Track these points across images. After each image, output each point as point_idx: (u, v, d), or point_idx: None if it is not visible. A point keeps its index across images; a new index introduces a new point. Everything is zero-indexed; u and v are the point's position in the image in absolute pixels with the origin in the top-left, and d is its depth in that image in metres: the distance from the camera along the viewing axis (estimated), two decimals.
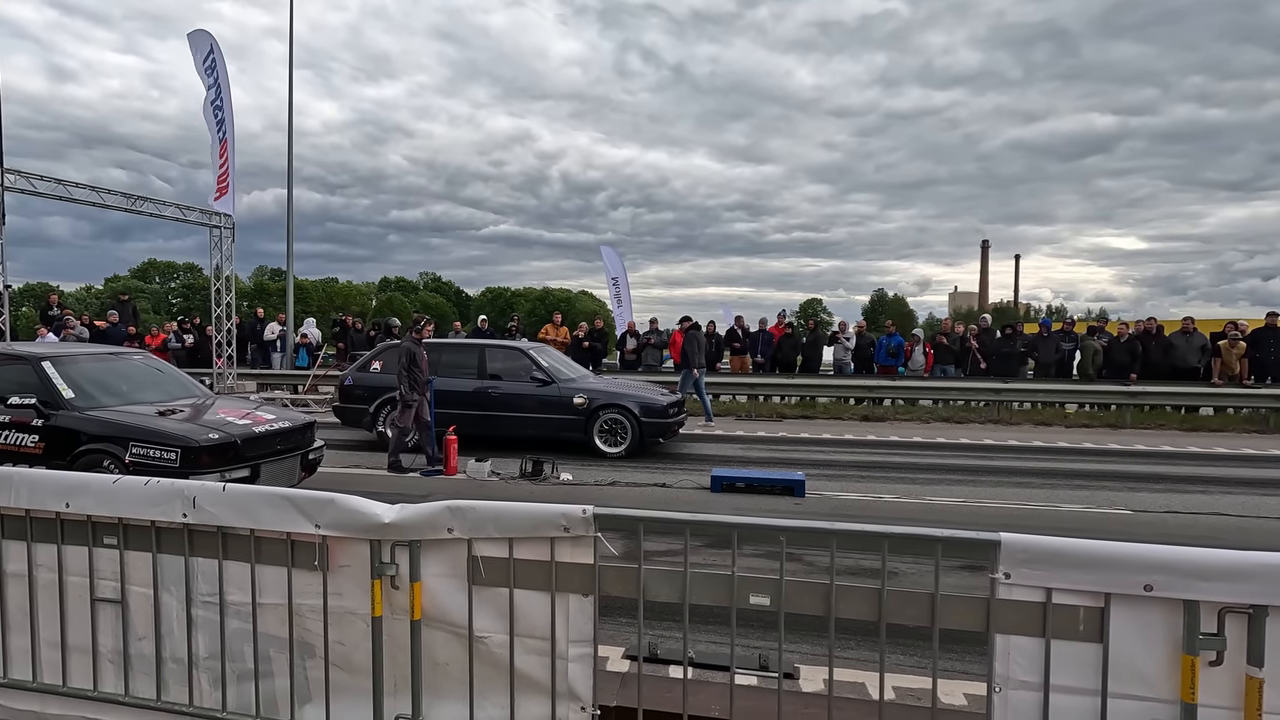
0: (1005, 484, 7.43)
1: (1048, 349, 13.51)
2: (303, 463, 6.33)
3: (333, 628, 2.42)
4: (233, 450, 5.57)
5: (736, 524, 2.13)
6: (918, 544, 2.01)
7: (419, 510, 2.28)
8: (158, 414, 5.72)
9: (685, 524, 2.15)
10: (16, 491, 2.61)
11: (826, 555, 2.02)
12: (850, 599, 2.04)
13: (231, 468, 5.49)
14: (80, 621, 2.61)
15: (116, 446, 5.34)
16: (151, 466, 5.23)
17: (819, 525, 2.04)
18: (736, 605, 2.11)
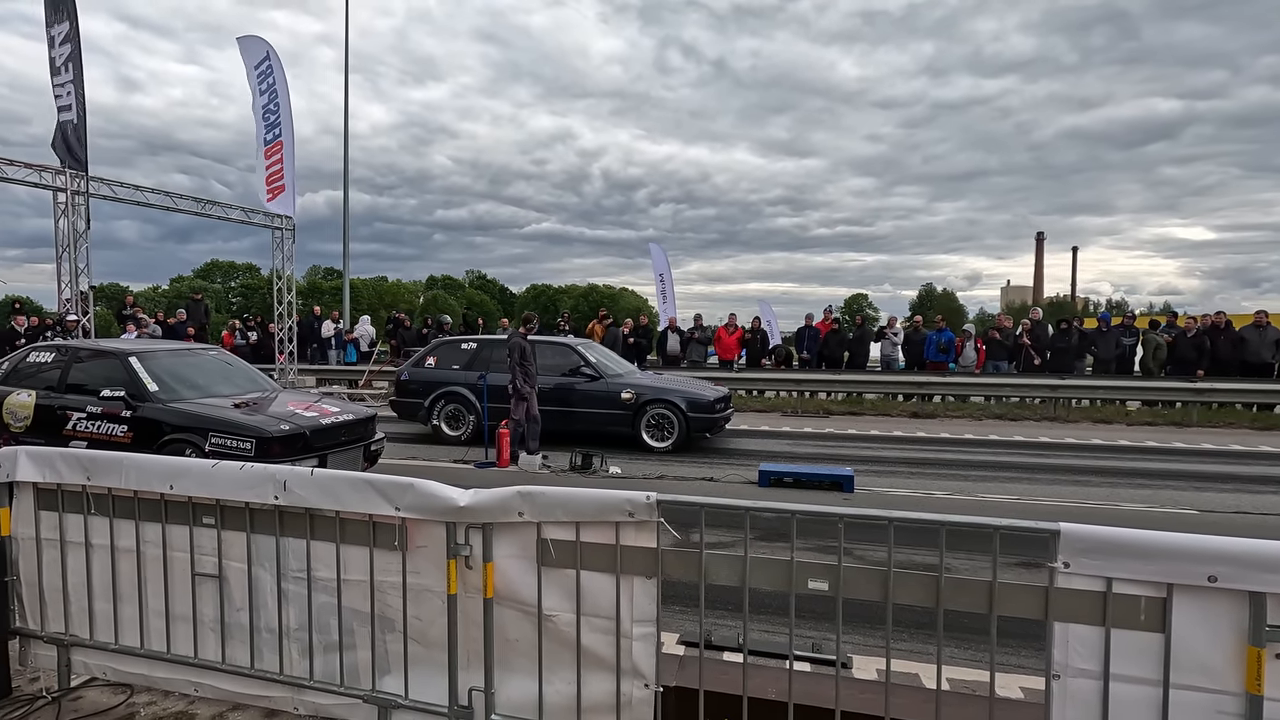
0: (1062, 482, 7.26)
1: (1107, 344, 13.06)
2: (366, 453, 6.62)
3: (411, 604, 2.58)
4: (302, 441, 5.86)
5: (795, 511, 2.21)
6: (974, 535, 2.05)
7: (491, 494, 2.42)
8: (233, 406, 6.06)
9: (744, 511, 2.23)
10: (126, 474, 2.85)
11: (879, 549, 2.08)
12: (907, 585, 2.10)
13: (301, 457, 5.79)
14: (183, 593, 2.85)
15: (197, 436, 5.69)
16: (228, 455, 5.55)
17: (876, 513, 2.11)
18: (795, 590, 2.18)
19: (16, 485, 3.04)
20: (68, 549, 2.99)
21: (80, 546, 2.97)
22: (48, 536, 3.02)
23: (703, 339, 15.06)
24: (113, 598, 2.94)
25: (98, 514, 2.93)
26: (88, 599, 2.98)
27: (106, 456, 2.91)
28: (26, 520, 3.04)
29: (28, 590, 3.07)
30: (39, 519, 3.02)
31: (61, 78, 10.15)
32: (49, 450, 3.02)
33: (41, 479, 2.97)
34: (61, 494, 2.98)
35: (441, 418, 9.41)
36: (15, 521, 3.05)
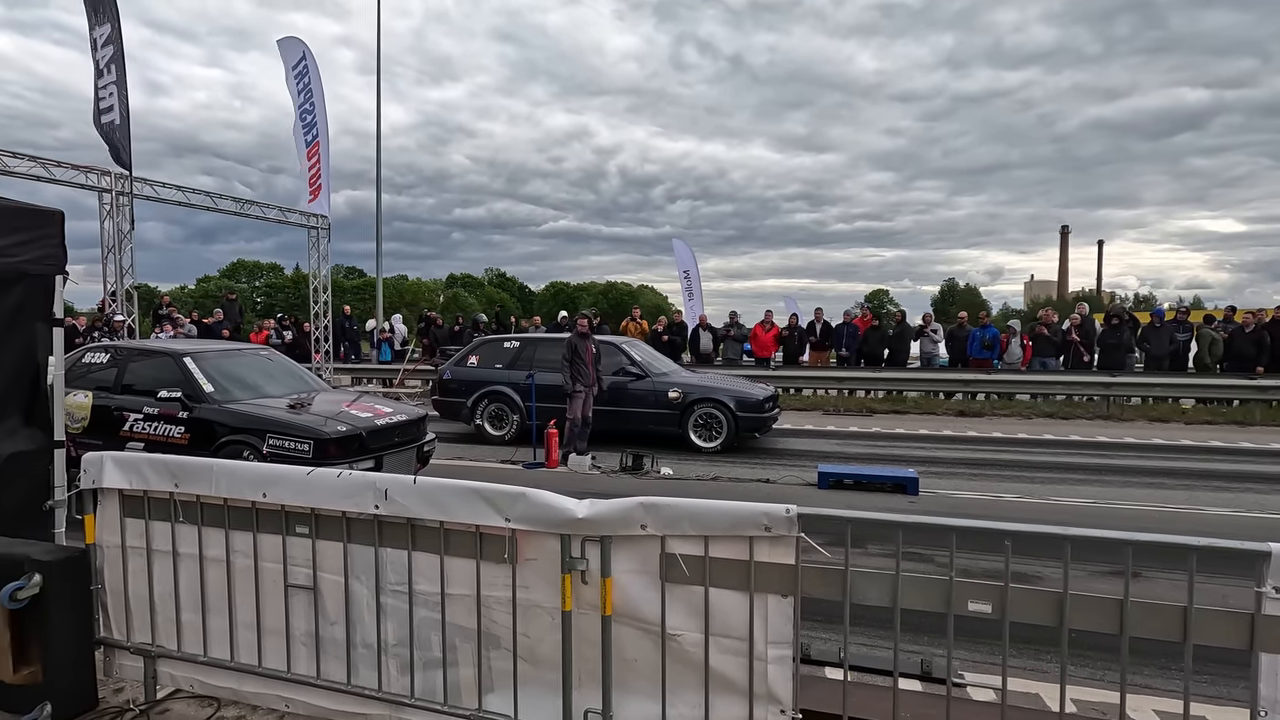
0: (1134, 484, 6.98)
1: (1160, 340, 12.65)
2: (419, 454, 6.53)
3: (519, 620, 2.45)
4: (358, 442, 5.78)
5: (954, 526, 2.03)
6: (1164, 552, 1.86)
7: (612, 506, 2.28)
8: (287, 407, 5.99)
9: (897, 526, 2.06)
10: (216, 481, 2.75)
11: (996, 561, 1.90)
12: (1085, 610, 1.91)
13: (358, 459, 5.71)
14: (274, 605, 2.74)
15: (254, 438, 5.63)
16: (286, 457, 5.48)
17: (1052, 530, 1.93)
18: (954, 612, 2.01)
19: (101, 492, 2.95)
20: (154, 558, 2.90)
21: (167, 555, 2.88)
22: (133, 544, 2.93)
23: (739, 336, 14.84)
24: (201, 608, 2.84)
25: (186, 522, 2.83)
26: (175, 609, 2.88)
27: (195, 463, 2.82)
28: (112, 528, 2.96)
29: (113, 599, 2.99)
30: (124, 526, 2.94)
31: (105, 79, 10.20)
32: (135, 455, 2.92)
33: (128, 485, 2.88)
34: (148, 501, 2.89)
35: (484, 417, 9.32)
36: (100, 529, 2.97)
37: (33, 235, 3.46)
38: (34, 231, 3.47)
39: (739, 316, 15.53)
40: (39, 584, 2.73)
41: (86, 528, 2.97)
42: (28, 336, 3.49)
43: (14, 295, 3.41)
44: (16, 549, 2.88)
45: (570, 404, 7.90)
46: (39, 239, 3.48)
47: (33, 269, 3.46)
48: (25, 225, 3.43)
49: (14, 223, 3.39)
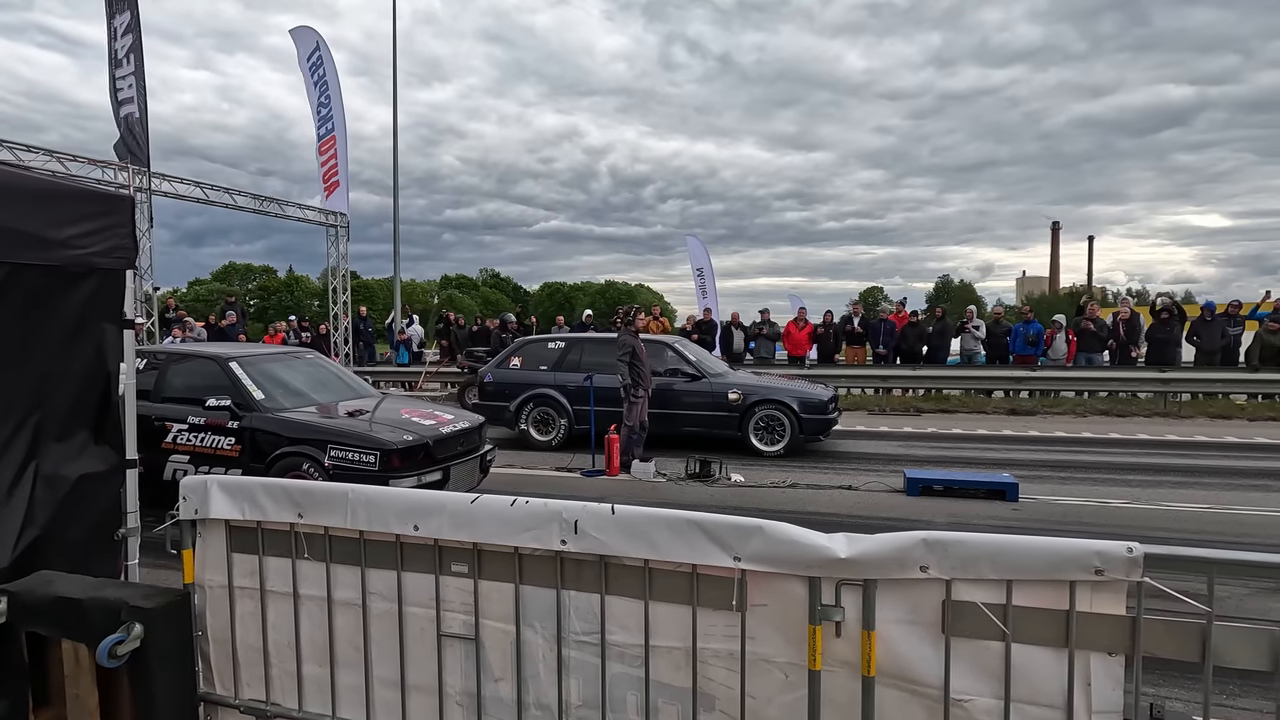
0: (1240, 487, 6.58)
1: (1211, 334, 12.31)
2: (480, 464, 6.08)
3: (746, 678, 2.01)
4: (425, 452, 5.34)
5: None
6: None
7: (883, 543, 1.84)
8: (346, 415, 5.54)
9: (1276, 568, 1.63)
10: (353, 511, 2.30)
11: None
12: None
13: (426, 471, 5.27)
14: (423, 658, 2.30)
15: (315, 449, 5.18)
16: (350, 470, 5.04)
17: None
18: None
19: (203, 523, 2.50)
20: (269, 599, 2.45)
21: (286, 597, 2.43)
22: (242, 584, 2.48)
23: (771, 334, 14.44)
24: (330, 660, 2.39)
25: (311, 558, 2.39)
26: (296, 661, 2.43)
27: (326, 489, 2.37)
28: (216, 565, 2.51)
29: (217, 649, 2.54)
30: (232, 563, 2.49)
31: (123, 70, 9.71)
32: (248, 481, 2.47)
33: (240, 515, 2.43)
34: (262, 534, 2.44)
35: (530, 422, 8.87)
36: (202, 567, 2.52)
37: (102, 224, 3.00)
38: (104, 219, 3.01)
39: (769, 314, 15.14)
40: (140, 635, 2.28)
41: (185, 565, 2.52)
42: (96, 340, 3.04)
43: (82, 292, 2.95)
44: (108, 591, 2.42)
45: (630, 409, 7.45)
46: (109, 228, 3.03)
47: (102, 262, 3.01)
48: (94, 212, 2.98)
49: (83, 209, 2.93)
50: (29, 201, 2.75)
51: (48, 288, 2.83)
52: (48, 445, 2.89)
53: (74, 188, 2.95)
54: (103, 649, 2.19)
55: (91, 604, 2.38)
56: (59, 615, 2.44)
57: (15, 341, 2.76)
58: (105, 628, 2.31)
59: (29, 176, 2.85)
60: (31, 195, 2.77)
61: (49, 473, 2.88)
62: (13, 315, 2.74)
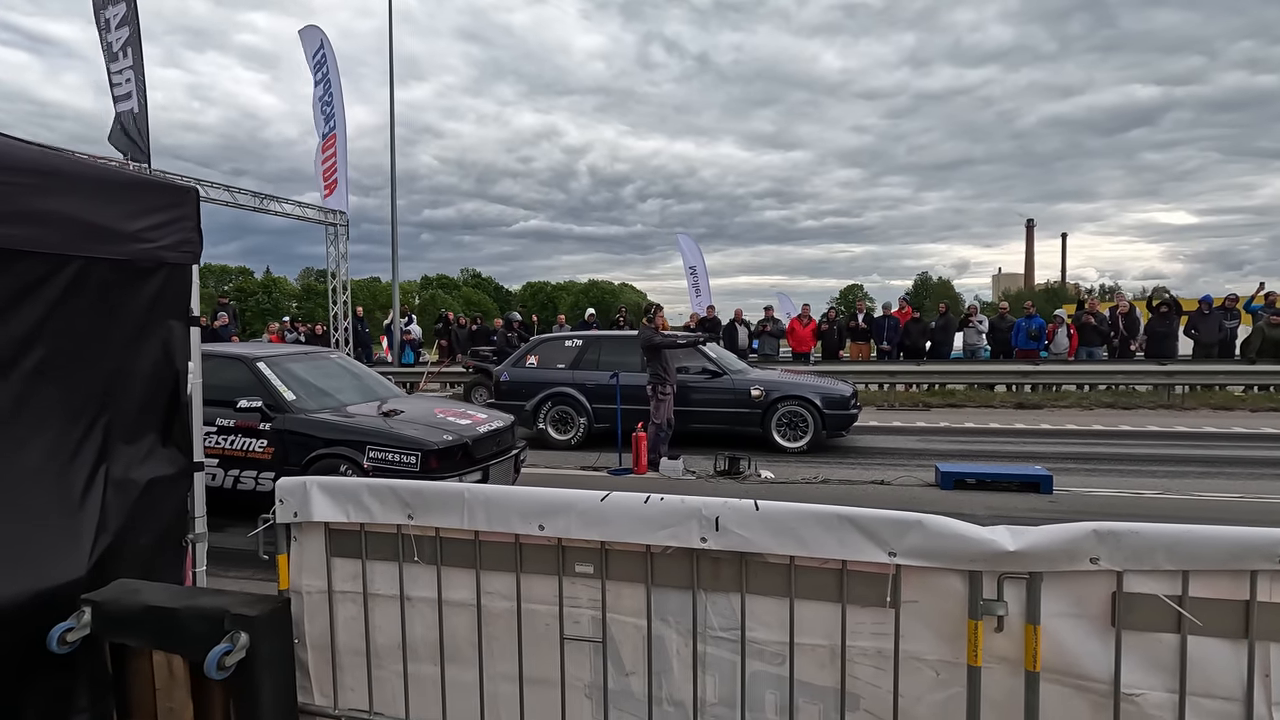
0: (1264, 476, 6.68)
1: (1209, 327, 12.52)
2: (515, 464, 5.99)
3: (889, 674, 1.96)
4: (463, 452, 5.23)
5: None
6: None
7: (1053, 535, 1.80)
8: (380, 415, 5.42)
9: None
10: (470, 512, 2.22)
11: None
12: None
13: (466, 471, 5.16)
14: (545, 652, 2.22)
15: (352, 450, 5.05)
16: (390, 471, 4.92)
17: None
18: None
19: (299, 526, 2.40)
20: (373, 603, 2.36)
21: (393, 600, 2.34)
22: (344, 589, 2.39)
23: (775, 331, 14.44)
24: (440, 659, 2.30)
25: (421, 561, 2.30)
26: (403, 662, 2.34)
27: (439, 489, 2.28)
28: (315, 570, 2.41)
29: (315, 656, 2.44)
30: (331, 567, 2.39)
31: (120, 64, 9.45)
32: (351, 482, 2.38)
33: (344, 518, 2.34)
34: (366, 536, 2.34)
35: (548, 421, 8.77)
36: (298, 571, 2.42)
37: (171, 216, 2.88)
38: (172, 211, 2.89)
39: (774, 310, 15.14)
40: (246, 645, 2.18)
41: (280, 570, 2.42)
42: (164, 338, 2.91)
43: (151, 288, 2.82)
44: (204, 600, 2.32)
45: (658, 406, 7.39)
46: (177, 220, 2.90)
47: (170, 256, 2.88)
48: (164, 204, 2.85)
49: (152, 200, 2.81)
50: (101, 192, 2.63)
51: (117, 282, 2.70)
52: (117, 448, 2.76)
53: (144, 178, 2.82)
54: (211, 660, 2.09)
55: (189, 613, 2.27)
56: (150, 625, 2.33)
57: (86, 339, 2.63)
58: (205, 638, 2.21)
59: (100, 166, 2.72)
60: (103, 185, 2.65)
61: (119, 477, 2.75)
62: (84, 311, 2.61)
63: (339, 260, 13.47)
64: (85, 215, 2.56)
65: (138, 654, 2.43)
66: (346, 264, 13.64)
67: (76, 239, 2.54)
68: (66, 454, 2.59)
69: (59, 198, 2.47)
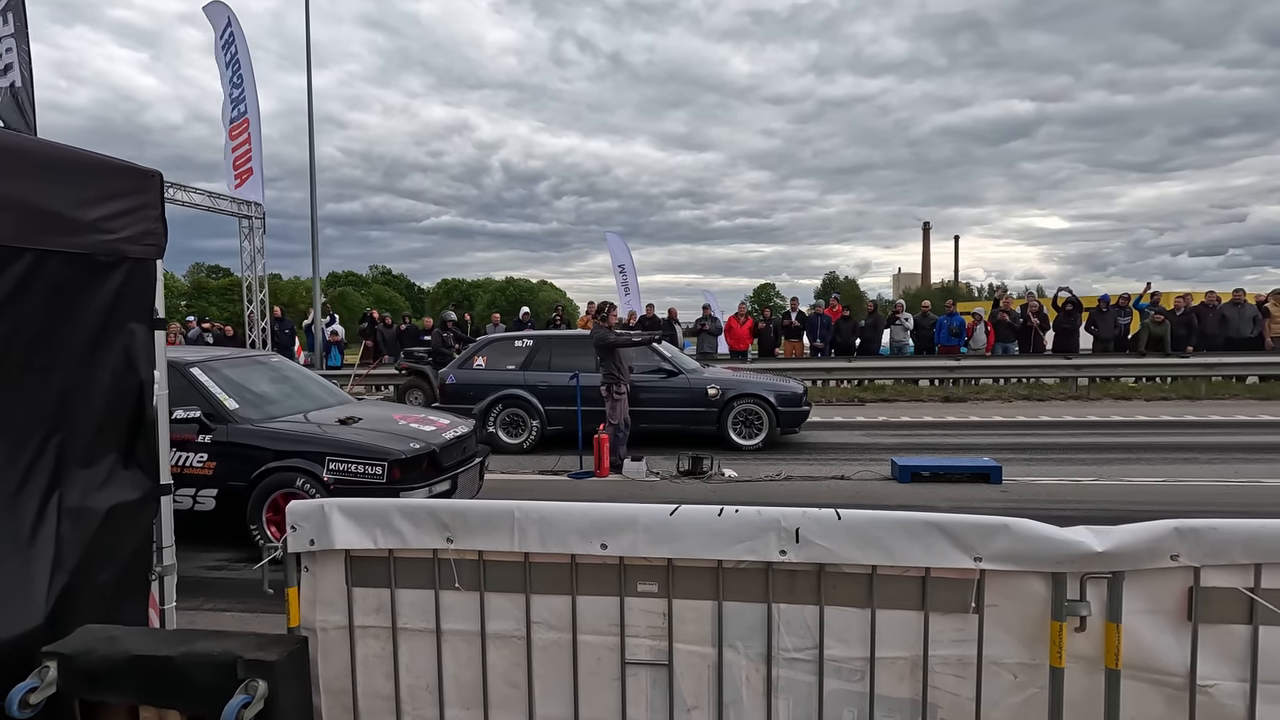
0: (1176, 460, 7.28)
1: (1107, 323, 13.62)
2: (480, 470, 5.72)
3: (968, 681, 1.94)
4: (431, 461, 4.93)
5: None
6: None
7: (1135, 534, 1.81)
8: (338, 423, 5.03)
9: None
10: (521, 531, 2.03)
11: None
12: None
13: (436, 480, 4.87)
14: (600, 691, 2.06)
15: (309, 462, 4.65)
16: (354, 484, 4.57)
17: None
18: None
19: (314, 555, 2.14)
20: (402, 638, 2.13)
21: (426, 635, 2.12)
22: (366, 623, 2.15)
23: (713, 329, 14.60)
24: (484, 702, 2.11)
25: (461, 588, 2.09)
26: (439, 706, 2.13)
27: (485, 508, 2.07)
28: (332, 603, 2.15)
29: (330, 701, 2.18)
30: (353, 599, 2.14)
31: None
32: (379, 503, 2.13)
33: (371, 544, 2.09)
34: (394, 563, 2.11)
35: (498, 424, 8.45)
36: (310, 606, 2.15)
37: (133, 203, 2.52)
38: (134, 198, 2.53)
39: (712, 309, 15.30)
40: (265, 695, 1.92)
41: (291, 605, 2.14)
42: (125, 344, 2.54)
43: (111, 286, 2.46)
44: (202, 645, 2.03)
45: (613, 406, 7.26)
46: (140, 209, 2.54)
47: (133, 250, 2.52)
48: (124, 190, 2.49)
49: (111, 185, 2.44)
50: (52, 173, 2.26)
51: (73, 280, 2.34)
52: (72, 472, 2.39)
53: (102, 160, 2.44)
54: (228, 714, 1.81)
55: (189, 661, 1.98)
56: (137, 678, 2.01)
57: (37, 345, 2.26)
58: (211, 689, 1.93)
59: (51, 143, 2.32)
60: (55, 166, 2.28)
61: (74, 505, 2.39)
62: (34, 314, 2.24)
63: (255, 255, 12.51)
64: (34, 200, 2.19)
65: (112, 712, 2.11)
66: (264, 259, 12.70)
67: (25, 228, 2.17)
68: (14, 481, 2.22)
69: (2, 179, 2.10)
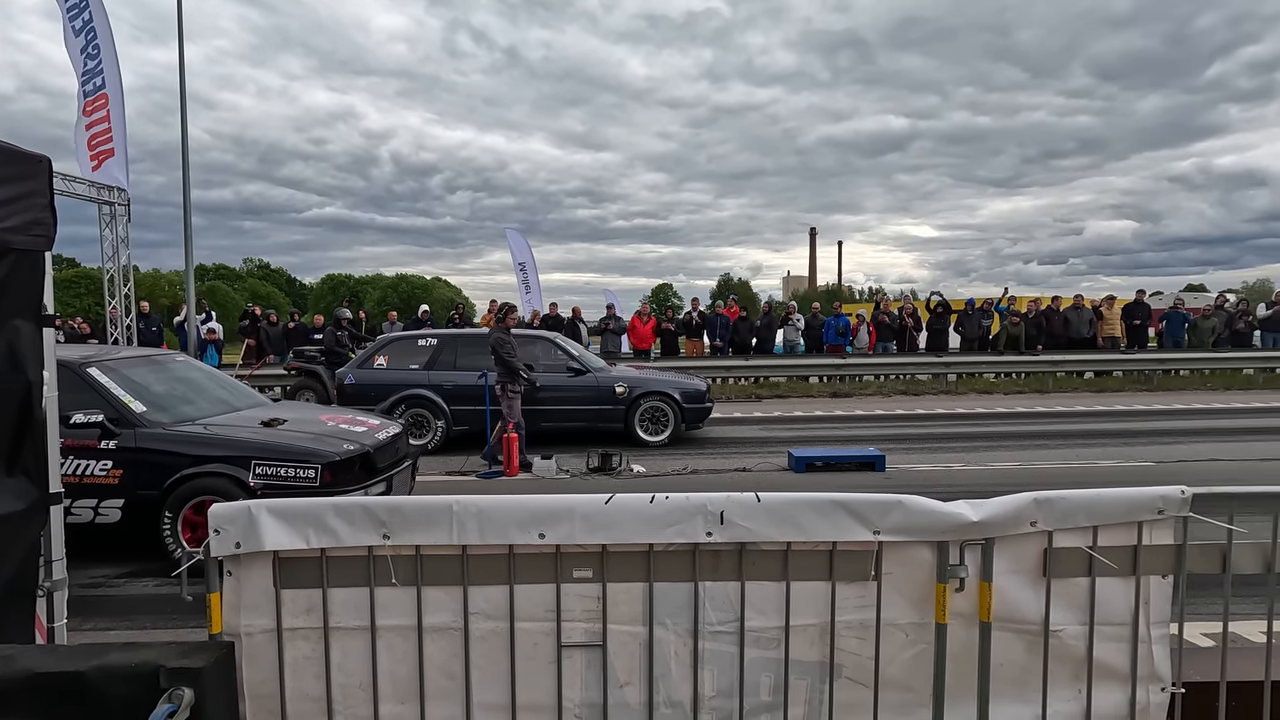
0: (1030, 446, 8.20)
1: (972, 325, 15.03)
2: (412, 471, 5.62)
3: (869, 642, 2.20)
4: (365, 462, 4.79)
5: None
6: None
7: (1003, 505, 2.13)
8: (262, 425, 4.79)
9: (1275, 498, 2.19)
10: (460, 525, 2.09)
11: None
12: None
13: (372, 482, 4.73)
14: (536, 676, 2.16)
15: (233, 467, 4.39)
16: (284, 489, 4.35)
17: None
18: None
19: (238, 559, 2.09)
20: (335, 638, 2.13)
21: (359, 633, 2.13)
22: (296, 625, 2.12)
23: (617, 329, 14.81)
24: (420, 695, 2.14)
25: (398, 584, 2.11)
26: (373, 704, 2.14)
27: (422, 503, 2.11)
28: (258, 607, 2.11)
29: (255, 706, 2.14)
30: (281, 601, 2.11)
31: None
32: (312, 503, 2.11)
33: (303, 544, 2.07)
34: (327, 562, 2.10)
35: None
36: (234, 611, 2.10)
37: (18, 190, 2.35)
38: (19, 185, 2.36)
39: (615, 309, 15.50)
40: (191, 704, 1.87)
41: (213, 612, 2.08)
42: (11, 341, 2.36)
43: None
44: (120, 657, 1.94)
45: (509, 406, 7.30)
46: (25, 196, 2.37)
47: (17, 241, 2.35)
48: (8, 176, 2.32)
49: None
50: None
51: None
52: None
53: None
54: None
55: (102, 675, 1.89)
56: (40, 699, 1.90)
57: None
58: (129, 702, 1.86)
59: None
60: None
61: None
62: None
63: (117, 245, 11.41)
64: None
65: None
66: (129, 250, 11.60)
67: None
68: None
69: None
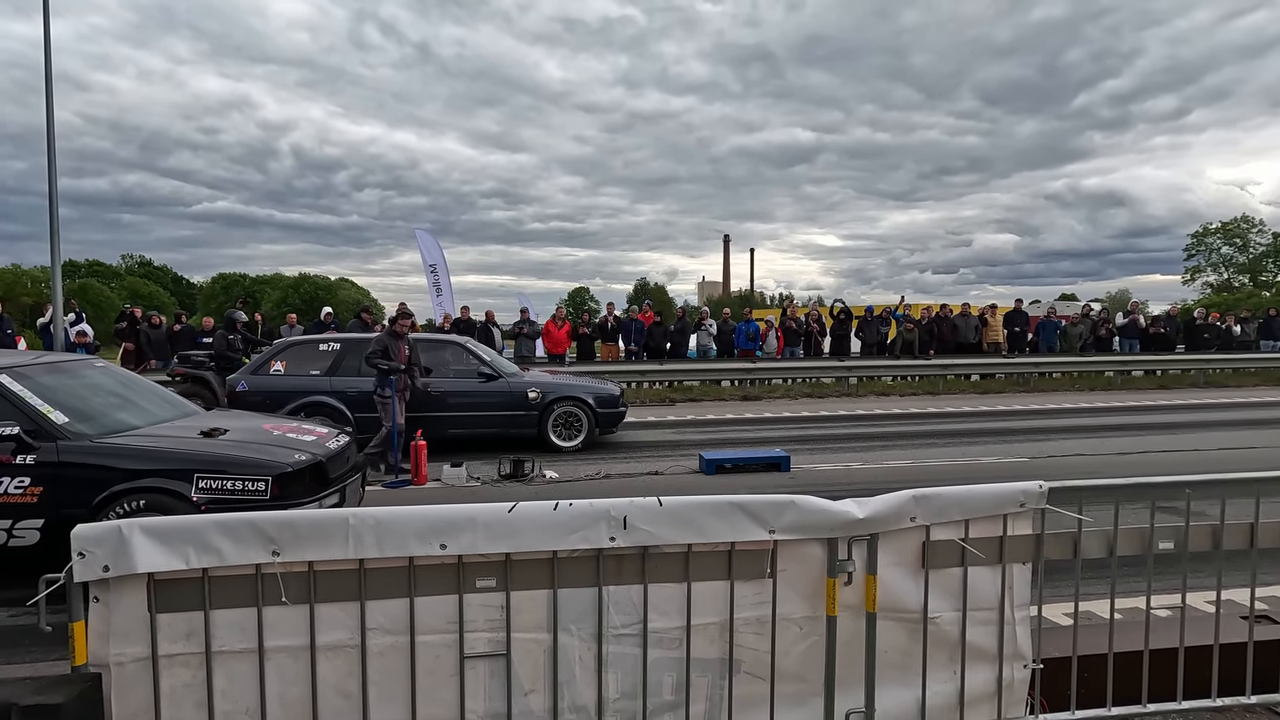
0: (922, 445, 8.75)
1: (872, 330, 15.88)
2: (362, 481, 5.37)
3: (765, 637, 2.30)
4: (318, 472, 4.51)
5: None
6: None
7: (886, 502, 2.28)
8: (201, 435, 4.43)
9: (1117, 490, 2.46)
10: (357, 539, 2.03)
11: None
12: (1236, 535, 2.52)
13: (326, 493, 4.47)
14: (437, 689, 2.12)
15: (172, 481, 4.01)
16: (231, 503, 4.02)
17: (1227, 477, 2.49)
18: (1153, 553, 2.47)
19: (108, 583, 1.94)
20: (218, 663, 2.02)
21: (245, 656, 2.03)
22: (173, 651, 2.00)
23: (532, 333, 14.65)
24: (313, 717, 2.06)
25: (288, 602, 2.02)
26: None
27: (315, 517, 2.03)
28: (129, 634, 1.98)
29: None
30: (157, 627, 1.98)
31: None
32: (191, 520, 1.98)
33: (182, 564, 1.95)
34: (209, 583, 1.99)
35: None
36: (101, 640, 1.96)
37: None
38: None
39: (529, 313, 15.33)
40: None
41: (76, 642, 1.93)
42: None
43: None
44: None
45: (384, 409, 7.15)
46: None
47: None
48: None
49: None
50: None
51: None
52: None
53: None
54: None
55: None
56: None
57: None
58: None
59: None
60: None
61: None
62: None
63: None
64: None
65: None
66: None
67: None
68: None
69: None
